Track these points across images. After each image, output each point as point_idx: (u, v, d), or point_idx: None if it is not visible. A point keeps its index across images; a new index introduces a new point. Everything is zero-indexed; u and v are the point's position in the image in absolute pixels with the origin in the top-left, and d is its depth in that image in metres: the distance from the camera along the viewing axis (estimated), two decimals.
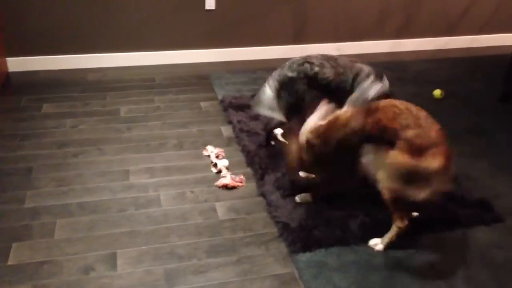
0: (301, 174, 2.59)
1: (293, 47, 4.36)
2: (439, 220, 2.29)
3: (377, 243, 2.13)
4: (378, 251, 2.10)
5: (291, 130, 2.50)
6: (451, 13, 4.67)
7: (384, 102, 2.13)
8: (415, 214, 2.29)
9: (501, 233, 2.24)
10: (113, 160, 2.72)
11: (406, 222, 2.08)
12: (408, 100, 3.56)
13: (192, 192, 2.48)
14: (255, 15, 4.17)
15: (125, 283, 1.90)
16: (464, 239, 2.20)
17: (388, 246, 2.11)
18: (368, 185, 2.11)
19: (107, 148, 2.83)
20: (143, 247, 2.08)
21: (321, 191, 2.39)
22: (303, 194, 2.40)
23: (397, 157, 1.95)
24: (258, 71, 4.04)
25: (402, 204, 2.03)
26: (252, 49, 4.28)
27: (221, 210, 2.35)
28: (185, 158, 2.77)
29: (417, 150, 1.92)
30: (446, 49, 4.75)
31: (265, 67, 4.12)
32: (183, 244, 2.11)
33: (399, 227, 2.08)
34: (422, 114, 2.03)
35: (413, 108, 2.07)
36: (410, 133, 1.96)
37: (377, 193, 2.06)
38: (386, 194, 2.03)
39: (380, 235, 2.15)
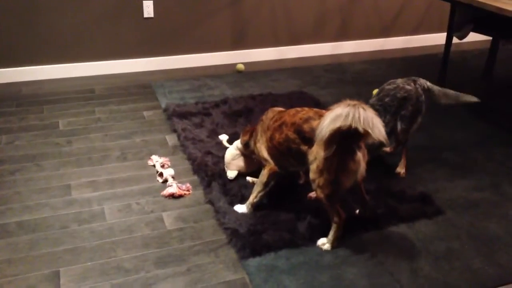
0: (248, 179, 2.59)
1: (234, 52, 4.38)
2: (383, 217, 2.35)
3: (324, 243, 2.16)
4: (326, 251, 2.14)
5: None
6: (385, 15, 4.84)
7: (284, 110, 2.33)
8: (357, 211, 2.35)
9: (442, 225, 2.34)
10: (53, 175, 2.61)
11: (342, 215, 2.13)
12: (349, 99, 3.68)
13: (137, 203, 2.43)
14: (194, 22, 4.16)
15: None
16: (408, 233, 2.27)
17: (335, 244, 2.15)
18: None
19: (46, 163, 2.73)
20: (88, 264, 2.01)
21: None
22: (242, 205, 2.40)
23: (314, 151, 2.05)
24: (201, 78, 4.02)
25: (335, 199, 2.09)
26: (193, 56, 4.26)
27: (169, 220, 2.32)
28: (130, 169, 2.71)
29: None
30: (383, 50, 4.92)
31: (207, 74, 4.12)
32: (130, 258, 2.06)
33: (336, 223, 2.14)
34: (323, 110, 2.14)
35: (315, 108, 2.23)
36: (315, 123, 2.06)
37: None
38: (319, 193, 2.09)
39: (326, 236, 2.18)
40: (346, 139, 1.94)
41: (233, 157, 2.61)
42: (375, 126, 1.87)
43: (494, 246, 2.21)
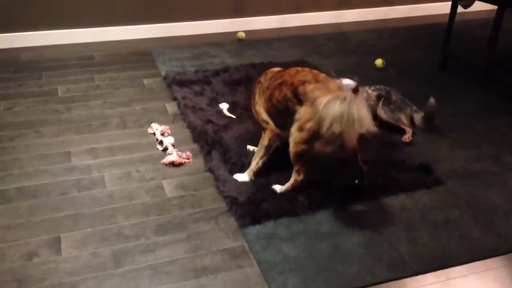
0: (249, 147, 2.58)
1: (234, 20, 4.31)
2: (382, 186, 2.35)
3: (277, 187, 2.28)
4: (325, 220, 2.14)
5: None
6: None
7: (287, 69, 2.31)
8: (356, 181, 2.35)
9: (441, 195, 2.34)
10: (53, 142, 2.60)
11: (303, 176, 2.19)
12: (350, 69, 3.65)
13: (137, 171, 2.42)
14: None
15: (71, 266, 1.84)
16: (407, 202, 2.28)
17: (284, 192, 2.24)
18: None
19: (45, 130, 2.71)
20: (88, 230, 2.02)
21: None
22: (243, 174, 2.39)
23: (301, 111, 2.07)
24: (200, 46, 3.97)
25: (303, 159, 2.15)
26: (193, 24, 4.19)
27: (169, 187, 2.32)
28: (129, 137, 2.70)
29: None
30: (386, 19, 4.84)
31: (208, 42, 4.06)
32: (130, 224, 2.06)
33: (296, 180, 2.22)
34: (322, 74, 2.16)
35: (315, 71, 2.22)
36: (310, 87, 2.07)
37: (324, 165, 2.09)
38: (291, 147, 2.13)
39: (325, 205, 2.20)
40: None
41: None
42: (366, 124, 1.92)
43: (493, 215, 2.22)
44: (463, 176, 2.48)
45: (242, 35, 4.14)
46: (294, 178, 2.23)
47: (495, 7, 3.84)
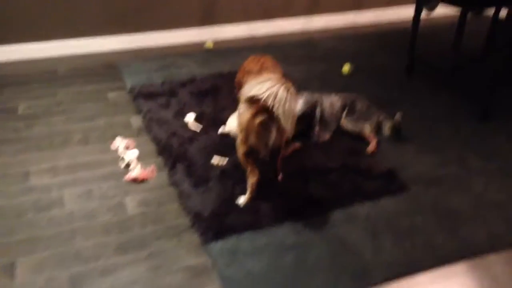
0: (213, 161, 2.55)
1: (203, 29, 4.28)
2: (348, 194, 2.34)
3: (241, 200, 2.24)
4: (290, 232, 2.12)
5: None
6: None
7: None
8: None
9: (406, 201, 2.34)
10: (11, 162, 2.54)
11: (256, 177, 2.17)
12: (317, 77, 3.65)
13: (99, 188, 2.37)
14: None
15: None
16: (372, 210, 2.27)
17: (249, 202, 2.21)
18: None
19: (3, 149, 2.64)
20: (45, 253, 1.96)
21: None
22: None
23: (240, 108, 2.07)
24: (168, 57, 3.93)
25: (248, 159, 2.14)
26: (160, 34, 4.15)
27: (131, 204, 2.27)
28: (92, 153, 2.65)
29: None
30: (355, 24, 4.86)
31: (175, 52, 4.02)
32: (89, 245, 2.01)
33: (252, 183, 2.20)
34: (271, 64, 2.20)
35: (271, 61, 2.28)
36: (249, 78, 2.10)
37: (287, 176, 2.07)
38: (237, 149, 2.13)
39: (291, 215, 2.17)
40: (265, 109, 1.94)
41: None
42: (285, 111, 1.89)
43: (457, 220, 2.23)
44: (427, 182, 2.48)
45: (210, 44, 4.12)
46: (249, 181, 2.20)
47: (460, 11, 3.88)
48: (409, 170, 2.57)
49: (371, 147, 2.70)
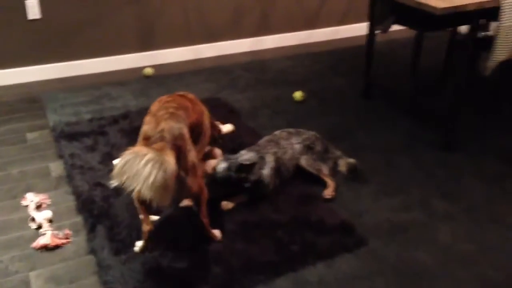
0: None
1: (143, 54, 3.90)
2: (297, 255, 2.01)
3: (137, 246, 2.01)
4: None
5: None
6: (308, 5, 4.49)
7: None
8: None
9: (364, 259, 2.02)
10: None
11: (149, 226, 1.95)
12: (267, 105, 3.33)
13: (3, 261, 1.96)
14: (92, 21, 3.63)
15: None
16: (326, 273, 1.94)
17: (143, 250, 1.98)
18: None
19: None
20: None
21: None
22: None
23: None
24: (102, 87, 3.53)
25: (144, 206, 1.90)
26: (93, 61, 3.74)
27: (37, 282, 1.87)
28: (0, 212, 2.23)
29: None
30: (308, 43, 4.58)
31: (110, 81, 3.64)
32: None
33: (144, 231, 1.96)
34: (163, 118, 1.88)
35: (172, 100, 2.03)
36: (144, 128, 1.89)
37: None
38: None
39: (228, 286, 1.82)
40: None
41: None
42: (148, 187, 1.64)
43: (422, 280, 1.93)
44: (388, 232, 2.18)
45: (149, 71, 3.74)
46: (142, 229, 1.96)
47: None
48: (367, 218, 2.26)
49: (329, 191, 2.38)
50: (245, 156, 2.31)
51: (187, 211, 2.18)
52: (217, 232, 2.08)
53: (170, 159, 1.71)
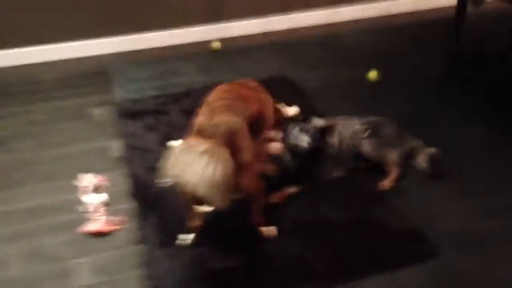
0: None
1: (210, 27, 3.75)
2: (357, 264, 1.81)
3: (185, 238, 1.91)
4: None
5: None
6: None
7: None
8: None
9: (436, 274, 1.79)
10: None
11: (197, 222, 1.88)
12: (339, 85, 3.07)
13: (50, 246, 1.94)
14: None
15: None
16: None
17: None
18: None
19: None
20: None
21: None
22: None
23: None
24: (168, 60, 3.45)
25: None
26: (160, 34, 3.65)
27: (83, 271, 1.83)
28: (53, 193, 2.22)
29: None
30: (388, 15, 4.19)
31: (176, 55, 3.54)
32: None
33: (190, 227, 1.89)
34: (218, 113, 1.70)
35: (231, 89, 1.87)
36: (198, 120, 1.74)
37: None
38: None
39: None
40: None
41: None
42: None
43: None
44: (464, 242, 1.92)
45: (216, 45, 3.60)
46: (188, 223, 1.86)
47: None
48: (441, 225, 2.00)
49: (388, 181, 2.15)
50: (318, 121, 2.16)
51: (242, 204, 2.04)
52: (272, 230, 1.94)
53: (226, 155, 1.57)
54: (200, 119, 1.75)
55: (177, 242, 1.91)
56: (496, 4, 3.40)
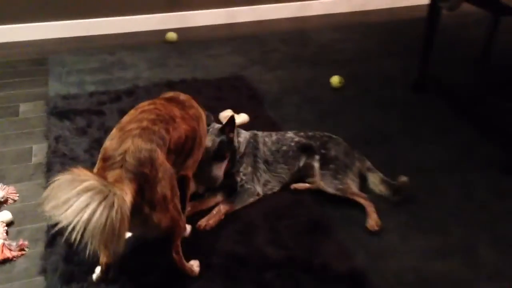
0: None
1: (169, 15, 3.45)
2: None
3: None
4: None
5: None
6: None
7: None
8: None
9: None
10: None
11: (106, 259, 1.60)
12: (298, 89, 2.82)
13: None
14: None
15: None
16: None
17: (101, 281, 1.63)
18: None
19: None
20: None
21: None
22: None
23: None
24: (117, 50, 3.16)
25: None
26: (112, 20, 3.34)
27: None
28: None
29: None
30: (362, 11, 3.94)
31: (128, 44, 3.24)
32: None
33: (101, 262, 1.62)
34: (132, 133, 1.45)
35: (154, 108, 1.59)
36: (106, 144, 1.48)
37: None
38: None
39: None
40: None
41: None
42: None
43: None
44: (413, 287, 1.70)
45: (172, 36, 3.31)
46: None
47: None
48: (389, 264, 1.77)
49: (373, 221, 1.91)
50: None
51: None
52: (194, 265, 1.69)
53: (124, 195, 1.31)
54: (108, 143, 1.48)
55: (93, 276, 1.66)
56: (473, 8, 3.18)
